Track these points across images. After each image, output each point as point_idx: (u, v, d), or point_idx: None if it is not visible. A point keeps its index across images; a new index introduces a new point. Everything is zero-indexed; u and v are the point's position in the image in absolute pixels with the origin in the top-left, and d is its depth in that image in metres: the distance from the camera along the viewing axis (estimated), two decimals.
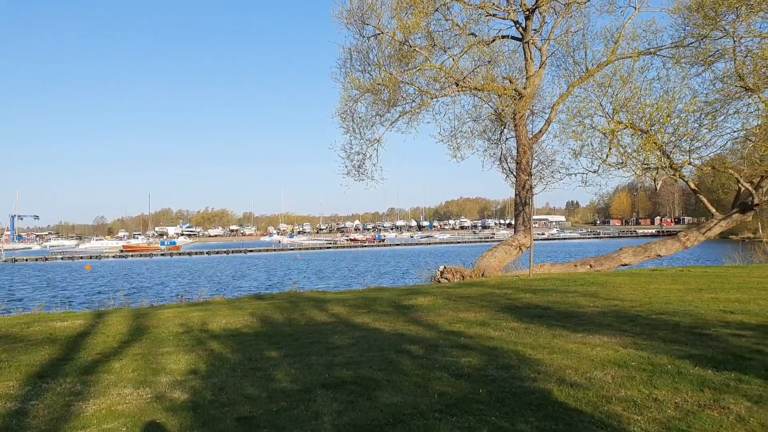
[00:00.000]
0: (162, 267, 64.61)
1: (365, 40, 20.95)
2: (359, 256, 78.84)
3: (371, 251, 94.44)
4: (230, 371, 7.30)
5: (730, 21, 19.97)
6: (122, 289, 30.74)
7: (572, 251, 70.78)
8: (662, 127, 19.02)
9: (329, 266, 58.82)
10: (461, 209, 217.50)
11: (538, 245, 69.56)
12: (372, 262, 62.67)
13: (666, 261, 23.36)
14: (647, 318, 10.00)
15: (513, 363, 7.09)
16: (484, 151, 23.79)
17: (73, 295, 35.48)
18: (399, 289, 17.77)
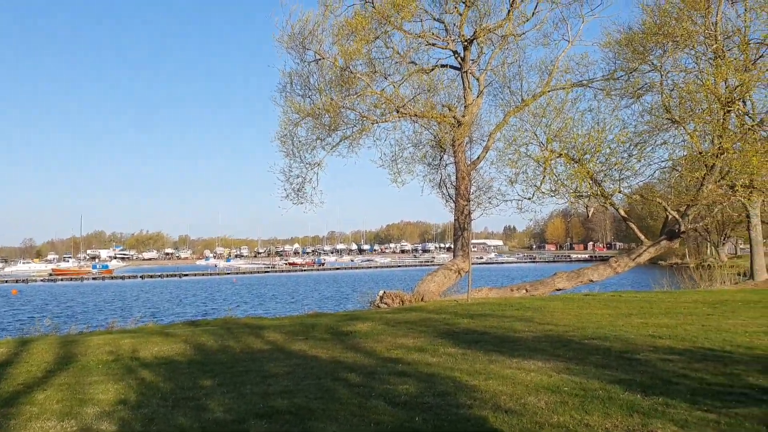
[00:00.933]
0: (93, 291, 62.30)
1: (306, 65, 21.08)
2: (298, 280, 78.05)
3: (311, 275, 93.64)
4: (161, 401, 7.07)
5: (658, 56, 21.01)
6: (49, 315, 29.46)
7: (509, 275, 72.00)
8: (593, 156, 19.74)
9: (267, 291, 57.98)
10: (402, 233, 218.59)
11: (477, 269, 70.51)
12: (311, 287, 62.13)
13: (598, 286, 24.02)
14: (580, 343, 10.24)
15: (450, 390, 7.12)
16: (424, 177, 24.14)
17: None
18: (338, 315, 17.67)
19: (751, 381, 7.21)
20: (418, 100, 21.69)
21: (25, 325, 22.07)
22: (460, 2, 21.95)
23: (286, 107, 21.25)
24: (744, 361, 8.41)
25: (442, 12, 22.57)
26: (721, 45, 19.84)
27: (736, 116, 20.04)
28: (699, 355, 8.98)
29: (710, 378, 7.43)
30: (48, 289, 67.60)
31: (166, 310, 39.92)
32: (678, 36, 19.49)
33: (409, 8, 19.71)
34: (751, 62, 19.91)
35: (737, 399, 6.44)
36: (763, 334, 10.75)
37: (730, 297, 19.22)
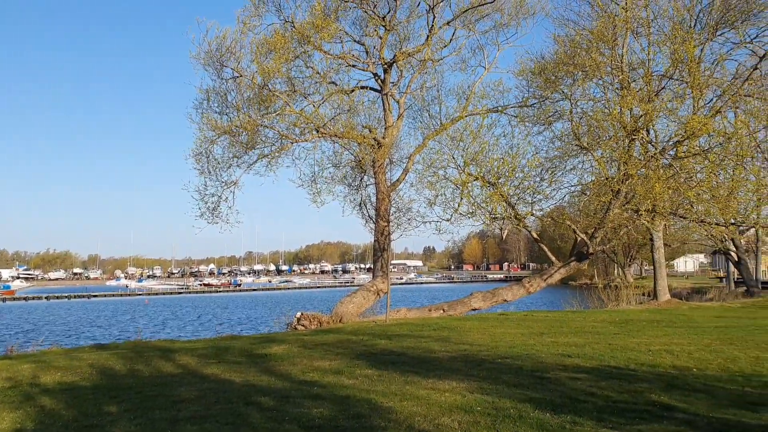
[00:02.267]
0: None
1: (224, 82, 20.75)
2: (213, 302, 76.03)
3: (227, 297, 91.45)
4: (62, 429, 6.71)
5: (568, 85, 21.97)
6: None
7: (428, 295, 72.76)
8: (508, 180, 20.34)
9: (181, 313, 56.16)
10: (322, 253, 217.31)
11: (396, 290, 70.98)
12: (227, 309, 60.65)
13: (513, 305, 24.64)
14: (493, 362, 10.42)
15: (364, 412, 7.07)
16: (344, 197, 24.13)
17: None
18: (253, 337, 17.30)
19: (654, 398, 7.51)
20: (338, 120, 21.73)
21: None
22: (380, 26, 22.27)
23: (202, 124, 20.83)
24: (647, 379, 8.77)
25: (363, 35, 22.84)
26: (626, 76, 20.95)
27: (640, 144, 21.15)
28: (605, 373, 9.30)
29: (616, 396, 7.70)
30: None
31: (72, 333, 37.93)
32: (587, 66, 20.44)
33: (329, 29, 19.80)
34: (654, 93, 21.10)
35: (640, 416, 6.69)
36: (666, 353, 11.26)
37: (636, 316, 20.10)
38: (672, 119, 20.77)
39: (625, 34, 21.40)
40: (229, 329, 32.86)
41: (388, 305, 20.41)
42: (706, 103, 22.18)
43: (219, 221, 21.92)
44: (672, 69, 20.39)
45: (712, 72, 22.94)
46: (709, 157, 19.44)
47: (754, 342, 12.74)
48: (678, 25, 20.98)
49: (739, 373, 9.27)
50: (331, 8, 20.55)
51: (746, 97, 23.88)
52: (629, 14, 21.10)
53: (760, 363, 10.02)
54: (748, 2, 22.16)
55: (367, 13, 21.93)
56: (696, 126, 18.42)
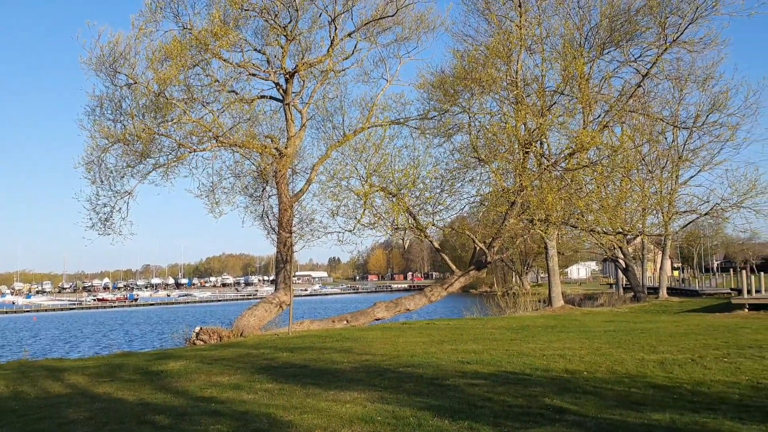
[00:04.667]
0: None
1: (118, 88, 19.91)
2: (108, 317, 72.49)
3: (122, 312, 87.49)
4: None
5: (467, 99, 22.63)
6: None
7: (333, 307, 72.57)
8: (409, 191, 20.66)
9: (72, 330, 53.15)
10: (224, 266, 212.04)
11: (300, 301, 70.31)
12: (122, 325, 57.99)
13: (416, 314, 24.98)
14: (395, 371, 10.51)
15: (264, 427, 6.94)
16: (245, 208, 23.68)
17: None
18: (149, 354, 16.64)
19: (547, 402, 7.81)
20: (238, 129, 21.34)
21: None
22: (282, 36, 22.10)
23: (94, 132, 19.87)
24: (541, 383, 9.11)
25: (264, 44, 22.59)
26: (521, 91, 21.82)
27: (534, 156, 22.06)
28: (502, 378, 9.59)
29: (512, 400, 7.94)
30: None
31: None
32: (484, 81, 21.13)
33: (228, 38, 19.43)
34: (547, 108, 22.09)
35: (534, 420, 6.93)
36: (559, 357, 11.74)
37: (532, 323, 20.87)
38: (563, 133, 21.82)
39: (520, 50, 22.31)
40: (123, 346, 31.44)
41: (291, 317, 20.18)
42: (595, 118, 23.47)
43: (111, 232, 20.99)
44: (563, 85, 21.41)
45: (600, 88, 24.32)
46: (598, 169, 20.53)
47: (639, 345, 13.52)
48: (569, 43, 22.11)
49: (626, 374, 9.80)
50: (231, 16, 20.19)
51: (631, 112, 25.52)
52: (523, 32, 22.04)
53: (644, 365, 10.64)
54: (631, 23, 23.68)
55: (268, 22, 21.71)
56: (585, 139, 19.41)
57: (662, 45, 24.37)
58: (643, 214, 27.91)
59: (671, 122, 31.34)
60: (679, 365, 10.47)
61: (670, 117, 31.61)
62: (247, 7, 20.70)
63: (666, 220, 33.36)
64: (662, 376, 9.55)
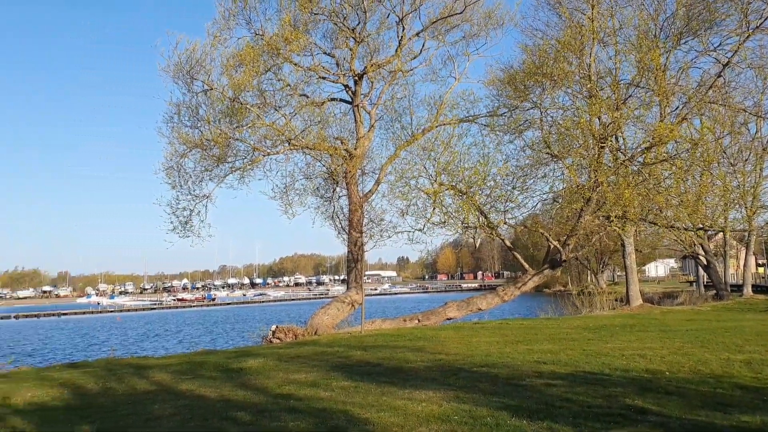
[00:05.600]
0: None
1: (194, 95, 20.59)
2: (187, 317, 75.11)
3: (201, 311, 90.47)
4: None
5: (538, 94, 22.24)
6: None
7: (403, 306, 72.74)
8: (479, 189, 20.47)
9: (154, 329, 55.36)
10: (296, 266, 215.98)
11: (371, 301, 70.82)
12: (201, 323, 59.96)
13: (487, 314, 24.71)
14: (469, 371, 10.46)
15: (342, 424, 7.04)
16: (316, 209, 24.06)
17: None
18: (228, 352, 17.12)
19: (628, 402, 7.61)
20: (309, 132, 21.71)
21: None
22: (350, 38, 22.35)
23: (173, 138, 20.63)
24: (621, 384, 8.88)
25: (333, 47, 22.91)
26: (594, 85, 21.29)
27: (609, 152, 21.48)
28: (580, 378, 9.40)
29: (591, 401, 7.78)
30: None
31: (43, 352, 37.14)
32: (555, 75, 20.73)
33: (298, 42, 19.79)
34: (622, 101, 21.47)
35: (615, 420, 6.77)
36: (639, 357, 11.42)
37: (609, 322, 20.33)
38: (639, 126, 21.18)
39: (592, 43, 21.76)
40: (203, 344, 32.48)
41: (363, 316, 20.36)
42: (673, 111, 22.64)
43: (191, 235, 21.71)
44: (639, 77, 20.78)
45: (677, 80, 23.46)
46: (677, 163, 19.81)
47: (723, 344, 12.98)
48: (643, 35, 21.43)
49: (710, 375, 9.44)
50: (301, 21, 20.57)
51: (711, 103, 24.48)
52: (596, 24, 21.47)
53: (730, 364, 10.21)
54: (710, 11, 22.73)
55: (337, 25, 22.01)
56: (663, 133, 18.76)
57: (744, 32, 23.29)
58: (725, 208, 26.67)
59: (754, 112, 29.87)
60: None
61: (753, 107, 30.11)
62: (316, 11, 21.06)
63: (750, 215, 31.86)
64: (750, 377, 9.15)
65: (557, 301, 31.66)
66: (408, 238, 21.11)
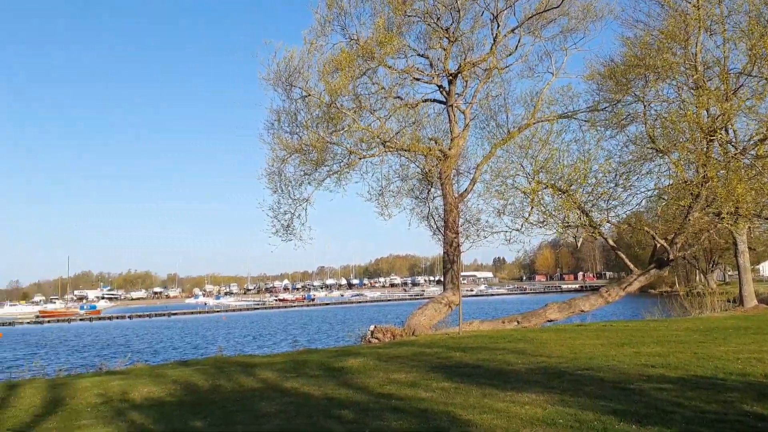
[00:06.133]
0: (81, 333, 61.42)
1: (293, 102, 21.21)
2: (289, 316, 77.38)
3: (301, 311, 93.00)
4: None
5: (640, 87, 21.35)
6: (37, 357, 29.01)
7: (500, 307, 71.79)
8: (580, 186, 19.87)
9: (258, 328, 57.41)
10: (391, 267, 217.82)
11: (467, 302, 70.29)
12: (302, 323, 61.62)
13: (590, 316, 23.97)
14: (573, 374, 10.19)
15: (444, 425, 7.04)
16: (411, 210, 24.14)
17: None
18: (329, 351, 17.49)
19: (746, 408, 7.19)
20: (404, 133, 21.86)
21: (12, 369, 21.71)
22: (444, 38, 22.30)
23: (274, 144, 21.36)
24: (738, 389, 8.39)
25: (427, 48, 22.94)
26: (701, 75, 20.21)
27: (719, 145, 20.31)
28: (692, 383, 8.95)
29: (704, 406, 7.40)
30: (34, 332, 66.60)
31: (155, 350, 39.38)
32: (659, 67, 19.84)
33: (392, 44, 19.97)
34: (732, 92, 20.27)
35: (732, 427, 6.41)
36: (756, 361, 10.75)
37: (721, 324, 19.24)
38: (752, 117, 19.88)
39: (698, 32, 20.65)
40: (304, 343, 33.35)
41: (460, 317, 20.26)
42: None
43: (293, 238, 22.37)
44: (750, 66, 19.55)
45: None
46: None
47: None
48: (755, 20, 20.10)
49: None
50: (395, 23, 20.75)
51: None
52: (702, 12, 20.36)
53: None
54: None
55: (430, 26, 22.04)
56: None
57: None
58: None
59: None
60: None
61: None
62: (410, 13, 21.18)
63: None
64: None
65: (664, 303, 30.27)
66: (505, 239, 20.80)
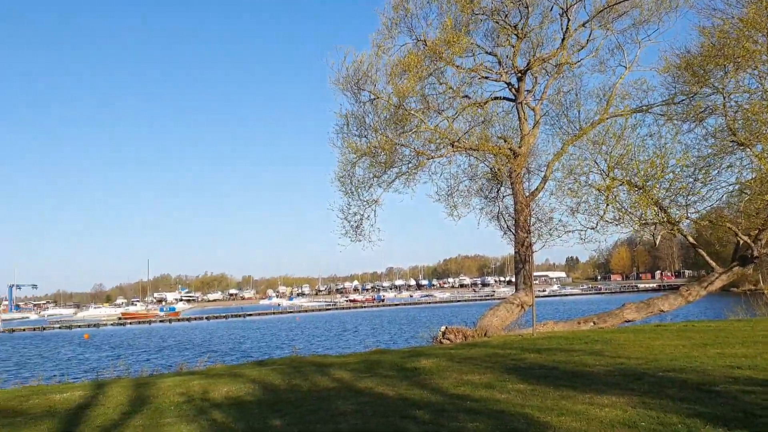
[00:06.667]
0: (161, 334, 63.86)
1: (361, 105, 21.40)
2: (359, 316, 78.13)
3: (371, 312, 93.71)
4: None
5: (719, 78, 20.44)
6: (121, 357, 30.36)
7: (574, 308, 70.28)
8: (657, 182, 19.21)
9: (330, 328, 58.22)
10: (460, 267, 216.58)
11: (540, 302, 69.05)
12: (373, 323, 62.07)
13: (669, 316, 23.17)
14: (654, 376, 9.88)
15: (522, 427, 6.96)
16: (480, 209, 23.94)
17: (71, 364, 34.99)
18: (401, 351, 17.55)
19: None
20: (472, 133, 21.72)
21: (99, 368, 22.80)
22: (512, 35, 22.02)
23: (344, 148, 21.60)
24: None
25: (495, 45, 22.69)
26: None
27: None
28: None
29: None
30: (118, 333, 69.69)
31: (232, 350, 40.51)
32: (739, 57, 18.95)
33: (460, 44, 19.86)
34: None
35: None
36: None
37: None
38: None
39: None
40: (376, 343, 33.59)
41: (534, 318, 19.94)
42: None
43: (362, 239, 22.57)
44: None
45: None
46: None
47: None
48: None
49: None
50: (462, 22, 20.62)
51: None
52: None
53: None
54: None
55: (498, 23, 21.80)
56: None
57: None
58: None
59: None
60: None
61: None
62: (477, 11, 21.01)
63: None
64: None
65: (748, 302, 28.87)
66: (579, 237, 20.34)
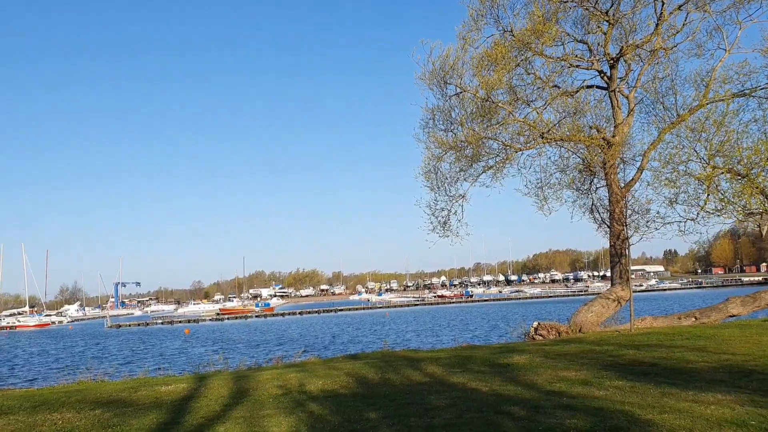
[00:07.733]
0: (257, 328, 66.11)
1: (447, 99, 21.27)
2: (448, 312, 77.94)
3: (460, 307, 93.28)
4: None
5: None
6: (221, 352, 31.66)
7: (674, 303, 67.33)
8: (762, 170, 18.11)
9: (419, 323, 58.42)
10: (551, 262, 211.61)
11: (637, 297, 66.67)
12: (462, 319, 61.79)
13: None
14: (763, 373, 9.37)
15: (622, 424, 6.77)
16: (573, 202, 23.30)
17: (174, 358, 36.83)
18: (493, 347, 17.41)
19: None
20: (563, 124, 21.16)
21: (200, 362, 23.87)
22: (603, 21, 21.27)
23: (429, 142, 21.55)
24: None
25: (585, 33, 21.99)
26: None
27: None
28: None
29: None
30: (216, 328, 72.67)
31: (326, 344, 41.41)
32: None
33: (549, 33, 19.38)
34: None
35: None
36: None
37: None
38: None
39: None
40: (466, 339, 33.42)
41: (632, 313, 19.27)
42: None
43: (450, 234, 22.47)
44: None
45: None
46: None
47: None
48: None
49: None
50: (551, 11, 20.13)
51: None
52: None
53: None
54: None
55: (588, 10, 21.11)
56: None
57: None
58: None
59: None
60: None
61: None
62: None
63: None
64: None
65: None
66: (678, 229, 19.45)
